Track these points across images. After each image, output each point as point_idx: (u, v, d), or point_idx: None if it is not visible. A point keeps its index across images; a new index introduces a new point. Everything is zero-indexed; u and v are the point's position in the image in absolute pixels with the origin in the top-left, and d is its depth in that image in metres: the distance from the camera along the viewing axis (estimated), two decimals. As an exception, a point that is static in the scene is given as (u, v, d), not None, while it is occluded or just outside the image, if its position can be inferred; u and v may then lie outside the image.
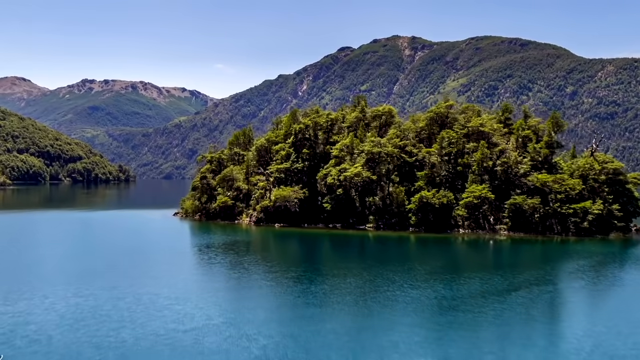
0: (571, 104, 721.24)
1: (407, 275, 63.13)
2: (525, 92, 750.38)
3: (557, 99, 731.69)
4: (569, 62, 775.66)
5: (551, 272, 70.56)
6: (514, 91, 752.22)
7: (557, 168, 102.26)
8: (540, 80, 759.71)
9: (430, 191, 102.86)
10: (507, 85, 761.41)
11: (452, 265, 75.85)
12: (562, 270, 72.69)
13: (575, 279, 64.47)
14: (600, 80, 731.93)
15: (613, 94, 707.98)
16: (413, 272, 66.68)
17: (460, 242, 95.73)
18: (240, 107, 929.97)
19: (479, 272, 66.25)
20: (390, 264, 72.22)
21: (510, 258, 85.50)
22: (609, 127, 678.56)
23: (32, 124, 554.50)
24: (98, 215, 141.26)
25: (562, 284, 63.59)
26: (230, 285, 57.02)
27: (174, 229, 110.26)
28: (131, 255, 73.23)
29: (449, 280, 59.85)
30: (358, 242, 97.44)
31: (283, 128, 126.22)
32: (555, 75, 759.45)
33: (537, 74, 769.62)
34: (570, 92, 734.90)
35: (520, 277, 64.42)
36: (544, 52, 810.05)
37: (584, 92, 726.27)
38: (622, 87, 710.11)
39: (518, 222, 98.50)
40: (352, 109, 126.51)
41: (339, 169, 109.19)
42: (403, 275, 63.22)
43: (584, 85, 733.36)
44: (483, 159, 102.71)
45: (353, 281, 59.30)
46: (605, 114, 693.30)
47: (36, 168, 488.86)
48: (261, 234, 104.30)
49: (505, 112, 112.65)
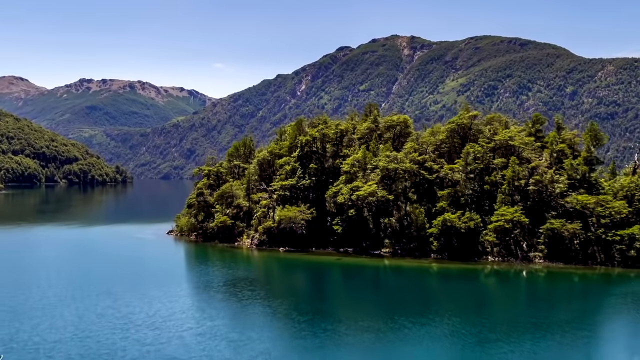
0: (571, 104, 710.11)
1: (429, 320, 55.44)
2: (525, 92, 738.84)
3: (557, 99, 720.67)
4: (568, 62, 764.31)
5: (591, 312, 62.86)
6: (513, 91, 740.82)
7: (597, 187, 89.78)
8: (540, 80, 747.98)
9: (455, 213, 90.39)
10: (507, 85, 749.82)
11: (481, 305, 66.09)
12: (604, 310, 64.32)
13: (619, 322, 55.31)
14: (600, 80, 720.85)
15: (613, 94, 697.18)
16: (435, 314, 58.55)
17: (489, 274, 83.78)
18: (239, 107, 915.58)
19: (509, 313, 59.52)
20: (409, 305, 63.34)
21: (546, 294, 74.86)
22: (609, 127, 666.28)
23: (28, 125, 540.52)
24: (84, 234, 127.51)
25: (603, 327, 55.90)
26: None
27: (167, 258, 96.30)
28: (108, 305, 60.01)
29: (476, 326, 52.23)
30: (372, 274, 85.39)
31: (287, 139, 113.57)
32: (555, 75, 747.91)
33: (537, 73, 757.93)
34: (570, 92, 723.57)
35: (555, 317, 57.31)
36: (543, 52, 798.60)
37: (584, 92, 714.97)
38: (622, 87, 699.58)
39: (555, 250, 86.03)
40: (363, 119, 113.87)
41: (350, 187, 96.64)
42: (424, 320, 55.27)
43: (584, 85, 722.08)
44: (514, 177, 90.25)
45: (367, 326, 51.71)
46: (605, 114, 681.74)
47: (31, 170, 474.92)
48: (264, 263, 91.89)
49: (536, 124, 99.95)
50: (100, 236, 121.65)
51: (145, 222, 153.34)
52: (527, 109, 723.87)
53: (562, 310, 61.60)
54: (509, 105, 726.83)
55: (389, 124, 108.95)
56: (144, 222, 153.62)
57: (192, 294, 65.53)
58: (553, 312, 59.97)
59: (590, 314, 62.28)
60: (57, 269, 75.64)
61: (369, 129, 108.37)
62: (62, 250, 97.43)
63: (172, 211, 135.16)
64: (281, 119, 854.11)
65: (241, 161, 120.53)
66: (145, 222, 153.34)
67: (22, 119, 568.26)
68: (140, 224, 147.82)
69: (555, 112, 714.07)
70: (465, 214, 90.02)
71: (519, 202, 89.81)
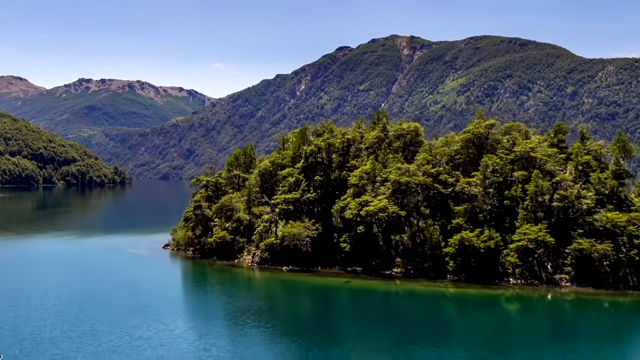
0: (571, 105, 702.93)
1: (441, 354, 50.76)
2: (525, 93, 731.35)
3: (557, 100, 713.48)
4: (568, 62, 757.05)
5: (623, 344, 58.28)
6: (513, 91, 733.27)
7: (627, 204, 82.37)
8: (540, 81, 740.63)
9: (473, 231, 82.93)
10: (507, 86, 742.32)
11: (501, 337, 60.20)
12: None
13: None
14: (601, 81, 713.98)
15: (614, 94, 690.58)
16: (449, 347, 53.50)
17: (511, 299, 76.47)
18: (238, 107, 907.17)
19: (532, 347, 54.36)
20: (421, 338, 57.22)
21: (573, 323, 68.09)
22: (610, 128, 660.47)
23: (26, 126, 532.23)
24: (74, 249, 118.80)
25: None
26: None
27: (161, 280, 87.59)
28: (91, 352, 52.27)
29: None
30: (382, 299, 78.16)
31: (290, 148, 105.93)
32: (555, 75, 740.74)
33: (537, 74, 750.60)
34: (571, 92, 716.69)
35: (583, 349, 52.92)
36: (543, 52, 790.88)
37: (584, 93, 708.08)
38: (622, 88, 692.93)
39: (583, 272, 78.59)
40: (371, 127, 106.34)
41: (359, 202, 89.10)
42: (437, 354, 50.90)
43: (585, 86, 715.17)
44: (537, 191, 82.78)
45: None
46: (606, 114, 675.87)
47: (29, 171, 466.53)
48: (267, 287, 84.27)
49: (558, 134, 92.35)
50: (92, 252, 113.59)
51: (141, 232, 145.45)
52: (527, 109, 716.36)
53: (591, 342, 56.01)
54: (509, 106, 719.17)
55: (399, 133, 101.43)
56: (140, 231, 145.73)
57: (187, 331, 57.85)
58: (581, 346, 55.03)
59: (621, 346, 55.96)
60: (36, 300, 67.28)
61: (377, 137, 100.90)
62: (46, 272, 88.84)
63: (170, 218, 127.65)
64: (280, 119, 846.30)
65: (241, 171, 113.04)
66: (141, 232, 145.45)
67: (20, 120, 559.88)
68: (136, 234, 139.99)
69: (556, 112, 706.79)
70: (484, 232, 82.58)
71: (543, 219, 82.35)
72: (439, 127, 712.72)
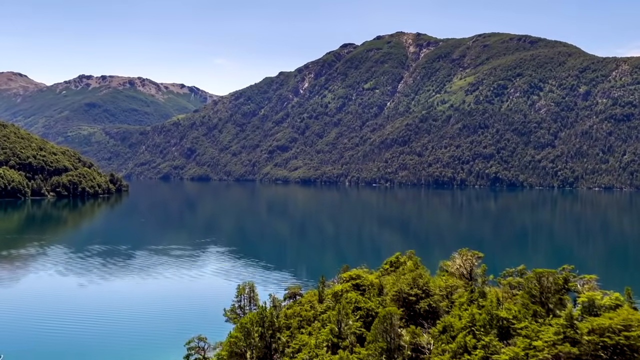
0: (584, 105, 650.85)
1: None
2: (537, 92, 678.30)
3: (569, 99, 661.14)
4: (581, 61, 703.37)
5: None
6: (524, 91, 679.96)
7: None
8: (552, 80, 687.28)
9: None
10: (517, 85, 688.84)
11: None
12: None
13: None
14: (615, 80, 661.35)
15: (629, 95, 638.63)
16: None
17: None
18: (240, 105, 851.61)
19: None
20: None
21: None
22: (625, 130, 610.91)
23: (15, 132, 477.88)
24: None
25: None
26: None
27: None
28: None
29: None
30: None
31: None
32: (567, 75, 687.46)
33: (548, 72, 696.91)
34: (584, 92, 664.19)
35: None
36: (554, 50, 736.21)
37: (597, 92, 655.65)
38: (638, 87, 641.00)
39: None
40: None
41: None
42: None
43: (598, 85, 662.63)
44: None
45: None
46: (621, 115, 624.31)
47: (15, 183, 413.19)
48: None
49: None
50: None
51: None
52: (538, 109, 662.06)
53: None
54: (519, 106, 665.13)
55: None
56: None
57: None
58: None
59: None
60: None
61: None
62: None
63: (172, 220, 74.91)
64: (283, 118, 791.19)
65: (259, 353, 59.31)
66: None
67: (10, 125, 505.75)
68: None
69: (569, 113, 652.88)
70: None
71: None
72: (447, 127, 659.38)
